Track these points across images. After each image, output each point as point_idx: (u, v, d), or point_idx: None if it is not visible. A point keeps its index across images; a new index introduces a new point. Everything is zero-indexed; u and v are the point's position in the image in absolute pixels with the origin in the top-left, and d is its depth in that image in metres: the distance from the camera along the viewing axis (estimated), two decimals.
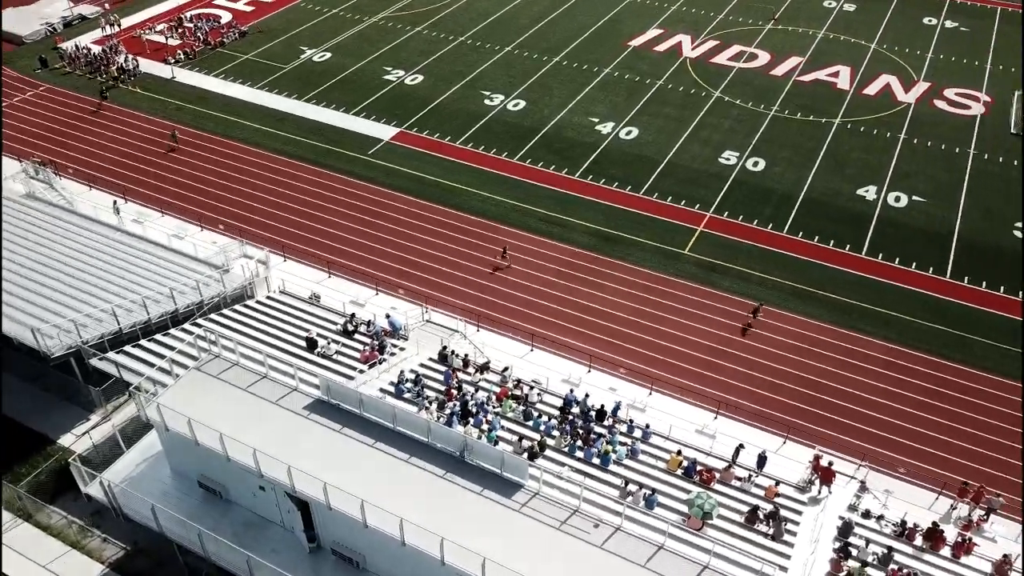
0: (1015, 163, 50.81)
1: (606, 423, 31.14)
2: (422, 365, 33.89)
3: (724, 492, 28.53)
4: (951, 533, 27.85)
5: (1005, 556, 26.73)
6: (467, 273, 41.82)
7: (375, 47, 64.28)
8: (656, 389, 34.90)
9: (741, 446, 30.28)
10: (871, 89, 59.12)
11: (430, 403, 30.83)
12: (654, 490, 27.50)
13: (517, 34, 66.50)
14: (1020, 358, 36.89)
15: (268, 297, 37.75)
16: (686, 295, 40.43)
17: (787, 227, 45.19)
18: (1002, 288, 41.00)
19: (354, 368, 32.97)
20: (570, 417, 31.23)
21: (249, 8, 70.70)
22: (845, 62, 62.72)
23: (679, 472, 29.23)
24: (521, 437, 29.52)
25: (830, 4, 72.64)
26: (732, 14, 70.64)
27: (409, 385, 31.91)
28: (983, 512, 29.28)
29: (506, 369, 33.80)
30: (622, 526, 24.34)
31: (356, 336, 35.10)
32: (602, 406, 31.70)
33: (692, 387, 35.06)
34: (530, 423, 30.95)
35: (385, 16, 69.59)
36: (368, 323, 35.77)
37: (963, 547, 27.24)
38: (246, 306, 36.64)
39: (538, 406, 31.99)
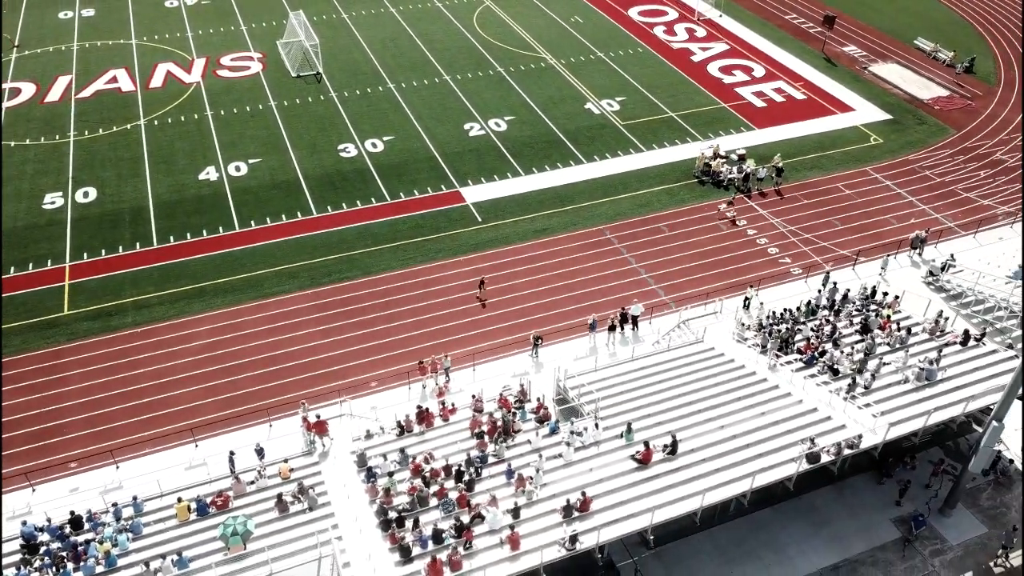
0: (309, 99, 56.69)
1: (87, 527, 26.66)
2: None
3: (248, 503, 27.39)
4: (434, 405, 31.66)
5: (473, 396, 31.63)
6: None
7: None
8: (118, 460, 30.88)
9: (233, 453, 29.15)
10: (156, 81, 58.62)
11: None
12: (179, 551, 24.84)
13: None
14: (388, 251, 42.78)
15: None
16: (88, 354, 35.96)
17: (155, 239, 43.11)
18: (358, 203, 46.21)
19: None
20: (42, 550, 25.82)
21: None
22: (116, 65, 60.62)
23: (194, 517, 26.89)
24: None
25: (67, 15, 68.71)
26: None
27: None
28: (444, 376, 34.00)
29: None
30: None
31: None
32: (72, 513, 26.91)
33: (158, 434, 31.98)
34: None
35: None
36: None
37: (447, 411, 31.31)
38: None
39: None
